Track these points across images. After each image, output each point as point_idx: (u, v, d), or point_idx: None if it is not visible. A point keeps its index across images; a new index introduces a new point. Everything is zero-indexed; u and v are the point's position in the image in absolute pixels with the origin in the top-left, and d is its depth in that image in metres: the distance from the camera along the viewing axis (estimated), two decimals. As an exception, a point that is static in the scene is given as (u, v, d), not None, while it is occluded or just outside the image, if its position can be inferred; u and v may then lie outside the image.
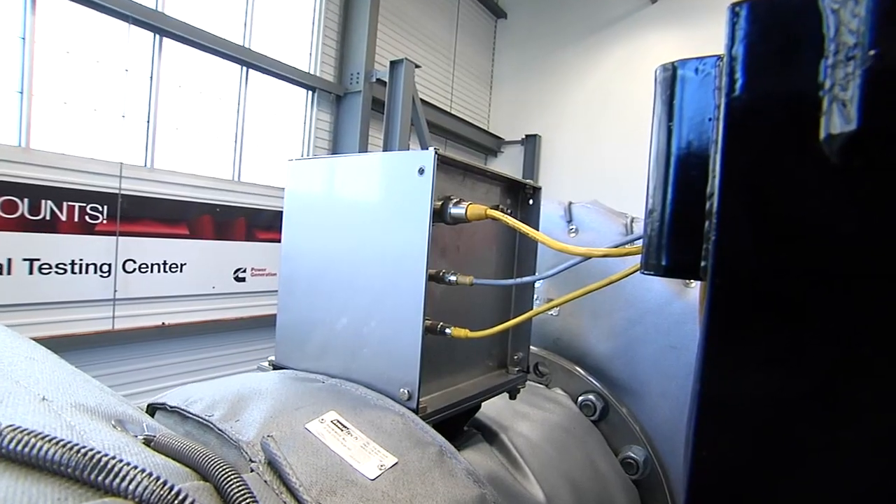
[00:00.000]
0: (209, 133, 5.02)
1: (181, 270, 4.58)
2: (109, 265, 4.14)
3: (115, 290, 4.18)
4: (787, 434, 0.35)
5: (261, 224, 5.22)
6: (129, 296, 4.25)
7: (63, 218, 3.88)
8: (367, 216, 0.78)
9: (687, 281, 1.08)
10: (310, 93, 6.05)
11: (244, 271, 5.11)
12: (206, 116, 4.98)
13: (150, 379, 4.45)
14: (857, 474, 0.33)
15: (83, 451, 0.36)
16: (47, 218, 3.80)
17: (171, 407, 0.66)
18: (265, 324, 5.14)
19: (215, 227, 4.83)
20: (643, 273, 0.44)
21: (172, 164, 4.67)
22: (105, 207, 4.09)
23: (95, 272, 4.07)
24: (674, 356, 1.07)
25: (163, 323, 4.49)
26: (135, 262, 4.28)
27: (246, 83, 5.30)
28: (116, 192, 4.14)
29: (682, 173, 0.41)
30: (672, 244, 0.41)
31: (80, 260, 3.99)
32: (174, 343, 4.63)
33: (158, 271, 4.42)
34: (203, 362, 4.86)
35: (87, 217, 4.00)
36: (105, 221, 4.09)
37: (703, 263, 0.39)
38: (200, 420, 0.63)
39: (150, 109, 4.54)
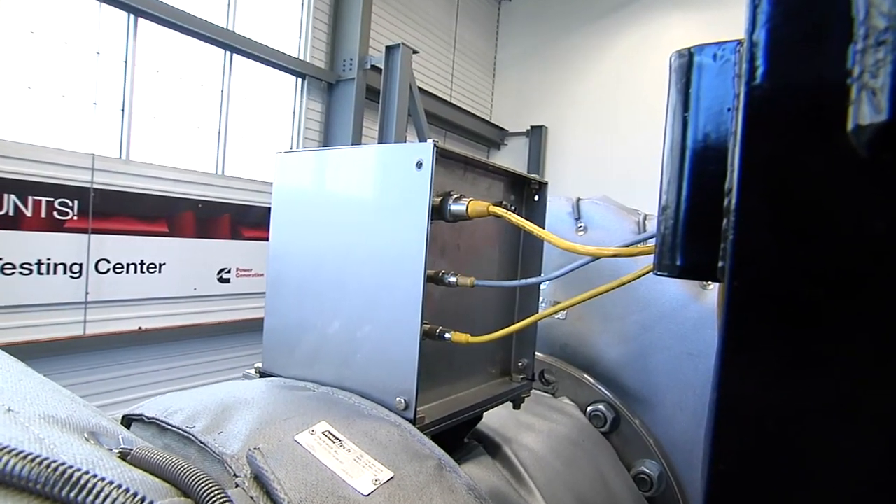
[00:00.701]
0: (190, 123, 5.02)
1: (160, 271, 4.58)
2: (80, 265, 4.13)
3: (87, 293, 4.18)
4: (812, 447, 0.35)
5: (247, 221, 5.22)
6: (103, 298, 4.25)
7: (28, 213, 3.86)
8: (360, 213, 0.78)
9: (704, 283, 1.08)
10: (299, 80, 6.05)
11: (229, 272, 5.11)
12: (186, 105, 4.97)
13: (126, 388, 4.45)
14: (886, 491, 0.33)
15: (53, 465, 0.35)
16: (10, 213, 3.78)
17: (149, 418, 0.66)
18: (251, 328, 5.14)
19: (197, 224, 4.83)
20: (656, 274, 0.44)
21: (150, 155, 4.66)
22: (76, 202, 4.08)
23: (65, 272, 4.06)
24: (691, 364, 1.07)
25: (139, 328, 4.49)
26: (109, 261, 4.27)
27: (230, 69, 5.30)
28: (88, 185, 4.13)
29: (699, 167, 0.41)
30: (687, 243, 0.41)
31: (48, 259, 3.98)
32: (152, 349, 4.63)
33: (135, 272, 4.42)
34: (183, 370, 4.86)
35: (55, 213, 3.99)
36: (76, 217, 4.08)
37: (720, 264, 0.39)
38: (181, 432, 0.63)
39: (124, 96, 4.51)
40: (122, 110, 4.52)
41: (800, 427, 0.35)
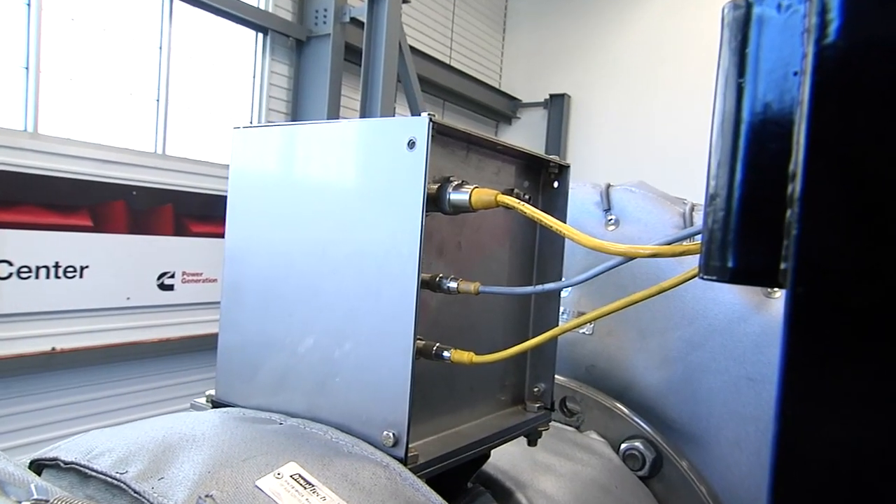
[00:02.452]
0: (120, 88, 5.01)
1: (81, 275, 4.56)
2: (-30, 269, 4.12)
3: (-18, 305, 4.16)
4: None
5: (195, 213, 5.22)
6: (3, 312, 4.22)
7: None
8: (339, 204, 0.79)
9: (769, 290, 1.09)
10: (260, 35, 6.05)
11: (172, 276, 5.10)
12: (113, 65, 4.96)
13: (36, 426, 4.43)
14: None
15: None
16: None
17: (67, 463, 0.67)
18: (201, 347, 5.13)
19: (131, 216, 4.82)
20: (702, 278, 0.45)
21: (66, 129, 4.64)
22: (-39, 187, 4.05)
23: (-52, 279, 4.04)
24: (751, 391, 1.08)
25: (53, 348, 4.48)
26: (11, 264, 4.24)
27: (170, 19, 5.29)
28: (-21, 165, 4.11)
29: (757, 146, 0.42)
30: (741, 240, 0.42)
31: (-79, 263, 3.94)
32: (70, 375, 4.62)
33: (47, 277, 4.40)
34: (112, 401, 4.84)
35: (-67, 201, 3.96)
36: (-38, 207, 4.06)
37: (782, 265, 0.40)
38: (109, 479, 0.63)
39: (28, 53, 4.39)
40: (27, 69, 4.42)
41: (881, 469, 0.35)
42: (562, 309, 1.24)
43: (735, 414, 1.10)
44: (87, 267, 4.58)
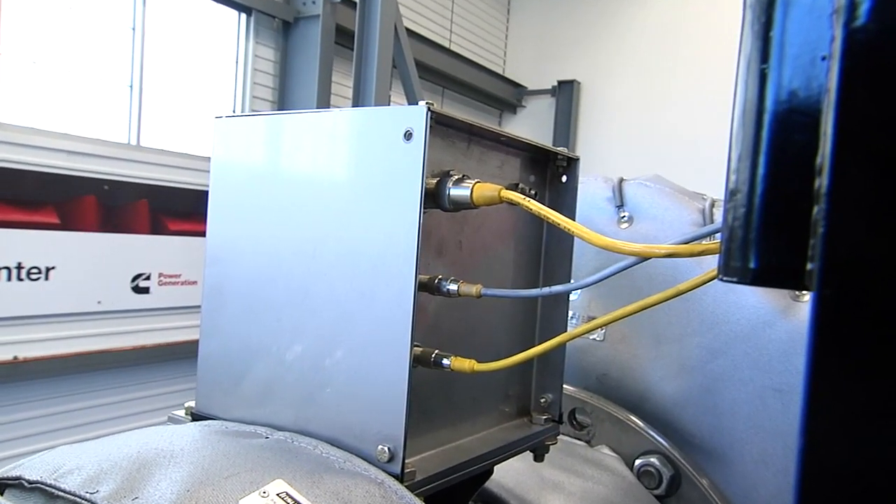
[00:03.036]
0: (89, 73, 5.00)
1: (47, 277, 4.56)
2: (-78, 271, 4.11)
3: (-65, 310, 4.15)
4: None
5: (173, 209, 5.21)
6: (-40, 317, 4.22)
7: None
8: (330, 200, 0.79)
9: (797, 292, 1.10)
10: (243, 16, 6.05)
11: (147, 278, 5.09)
12: (81, 47, 4.95)
13: (-3, 442, 4.42)
14: None
15: None
16: None
17: (32, 482, 0.67)
18: (180, 355, 5.12)
19: (103, 212, 4.81)
20: (722, 280, 0.45)
21: (29, 117, 4.62)
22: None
23: None
24: (778, 403, 1.09)
25: (15, 357, 4.46)
26: (-33, 264, 4.25)
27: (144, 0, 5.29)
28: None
29: (781, 137, 0.42)
30: (763, 238, 0.42)
31: None
32: (35, 387, 4.61)
33: (9, 279, 4.39)
34: (81, 415, 4.84)
35: None
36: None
37: (809, 266, 0.40)
38: (78, 499, 0.63)
39: None
40: (-14, 52, 4.46)
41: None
42: (571, 313, 1.24)
43: (760, 428, 1.10)
44: (53, 268, 4.58)
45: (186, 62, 5.66)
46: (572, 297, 1.24)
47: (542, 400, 1.00)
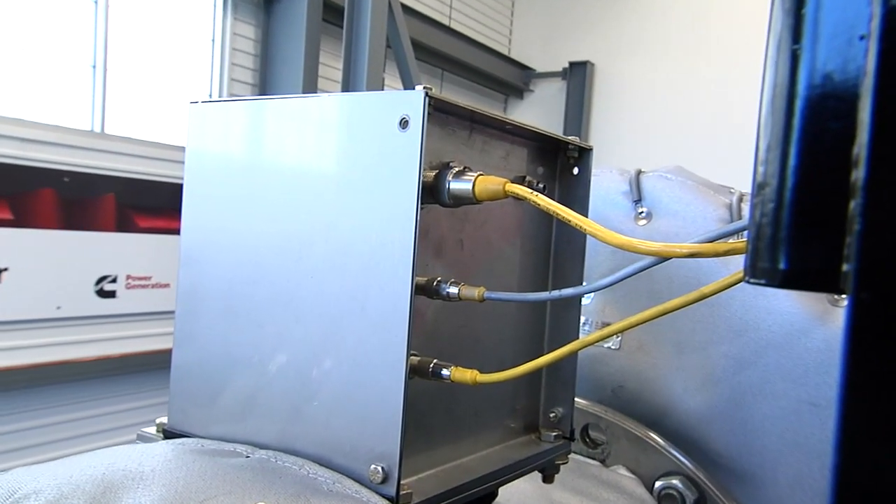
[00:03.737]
0: (45, 52, 4.99)
1: (-1, 279, 4.55)
2: None
3: None
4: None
5: (143, 203, 5.20)
6: None
7: None
8: (317, 194, 0.80)
9: (836, 296, 1.10)
10: (219, -9, 6.05)
11: (114, 281, 5.08)
12: (37, 22, 4.94)
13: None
14: None
15: None
16: None
17: None
18: (150, 365, 5.12)
19: (62, 208, 4.81)
20: (749, 282, 0.45)
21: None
22: None
23: None
24: (815, 419, 1.08)
25: (-36, 368, 4.46)
26: None
27: (110, -28, 5.28)
28: None
29: (814, 124, 0.42)
30: (794, 237, 0.42)
31: None
32: (-11, 401, 4.61)
33: (-45, 282, 4.39)
34: (40, 433, 4.83)
35: None
36: None
37: (844, 267, 0.40)
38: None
39: None
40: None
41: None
42: (583, 319, 1.24)
43: (795, 446, 1.10)
44: (5, 269, 4.57)
45: (156, 40, 5.64)
46: (585, 301, 1.24)
47: (552, 415, 1.01)
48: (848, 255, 0.39)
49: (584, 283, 0.99)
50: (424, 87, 0.72)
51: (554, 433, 1.00)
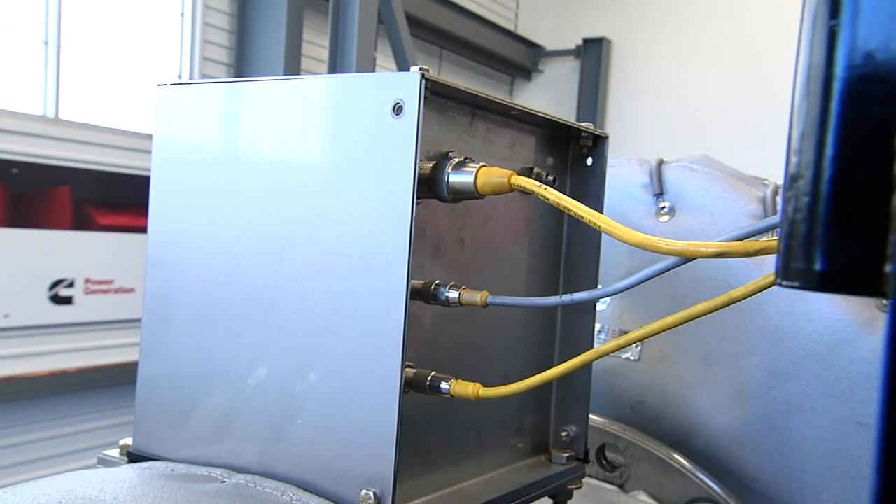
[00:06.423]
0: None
1: (-58, 285, 4.55)
2: None
3: None
4: None
5: (103, 198, 5.19)
6: None
7: None
8: (301, 188, 0.80)
9: (884, 301, 1.10)
10: (189, -41, 6.03)
11: (70, 285, 5.07)
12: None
13: None
14: None
15: None
16: None
17: None
18: (113, 380, 5.10)
19: (11, 203, 4.79)
20: (781, 285, 0.46)
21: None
22: None
23: None
24: (861, 439, 1.08)
25: None
26: None
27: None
28: None
29: (854, 110, 0.42)
30: (832, 234, 0.42)
31: None
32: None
33: None
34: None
35: None
36: None
37: (887, 267, 0.40)
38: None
39: None
40: None
41: None
42: (598, 326, 1.25)
43: (839, 470, 1.10)
44: (-54, 273, 4.57)
45: (118, 13, 5.63)
46: (600, 306, 1.24)
47: (564, 433, 1.01)
48: (890, 254, 0.39)
49: (599, 287, 0.99)
50: (421, 69, 0.73)
51: (566, 454, 1.00)
